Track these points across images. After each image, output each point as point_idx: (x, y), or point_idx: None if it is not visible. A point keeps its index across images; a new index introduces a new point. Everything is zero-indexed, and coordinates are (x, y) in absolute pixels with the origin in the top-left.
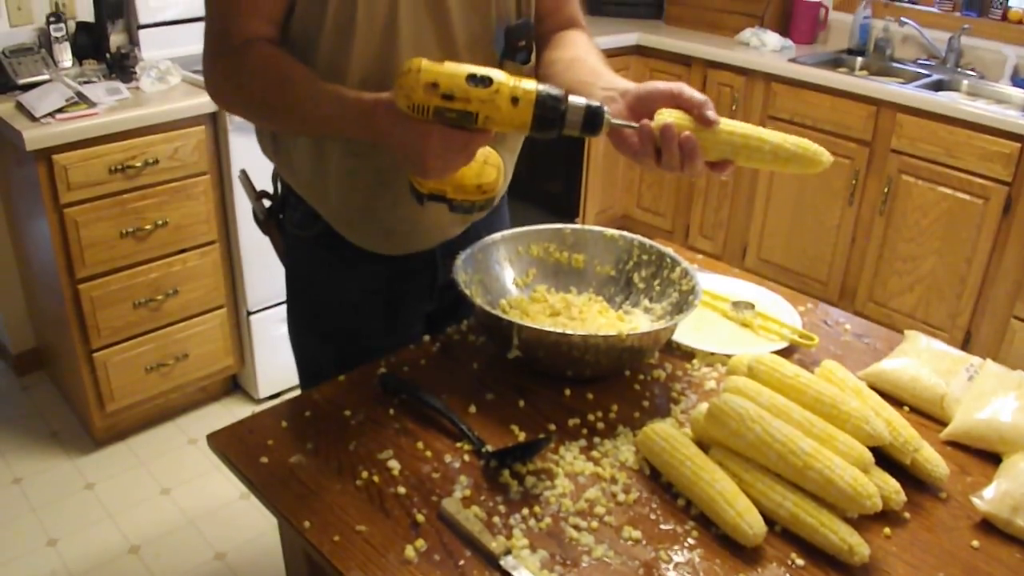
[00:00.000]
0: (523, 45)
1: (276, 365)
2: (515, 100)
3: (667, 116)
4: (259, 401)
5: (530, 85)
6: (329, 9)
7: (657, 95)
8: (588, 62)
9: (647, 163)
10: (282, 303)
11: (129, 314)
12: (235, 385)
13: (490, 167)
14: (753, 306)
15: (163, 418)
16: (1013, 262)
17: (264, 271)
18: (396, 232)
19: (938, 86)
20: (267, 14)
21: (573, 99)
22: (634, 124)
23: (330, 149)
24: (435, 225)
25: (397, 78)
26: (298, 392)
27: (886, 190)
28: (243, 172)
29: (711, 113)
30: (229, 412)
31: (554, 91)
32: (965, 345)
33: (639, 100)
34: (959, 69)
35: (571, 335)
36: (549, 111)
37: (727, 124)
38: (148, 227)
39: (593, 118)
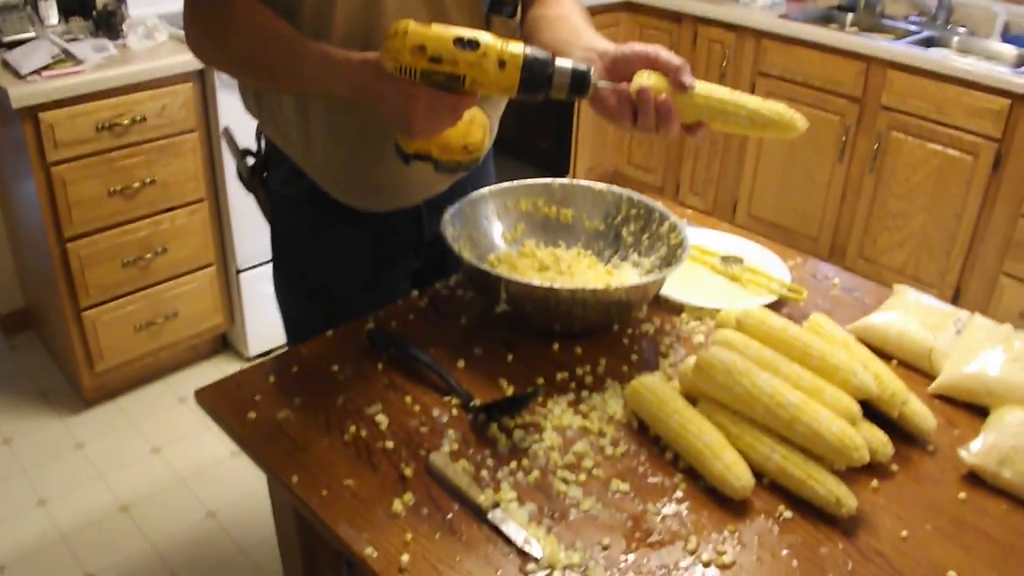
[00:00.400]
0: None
1: (266, 323)
2: (502, 63)
3: (644, 79)
4: (249, 359)
5: (517, 48)
6: None
7: (635, 57)
8: (570, 20)
9: (623, 124)
10: (271, 261)
11: (118, 273)
12: (225, 343)
13: (476, 127)
14: (742, 260)
15: (153, 377)
16: (1002, 218)
17: (253, 229)
18: (381, 188)
19: (928, 42)
20: None
21: (560, 62)
22: (620, 86)
23: (314, 106)
24: (420, 181)
25: (384, 40)
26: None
27: (876, 147)
28: (226, 130)
29: (688, 77)
30: (219, 370)
31: (541, 54)
32: (954, 301)
33: (617, 62)
34: (949, 26)
35: (559, 289)
36: (536, 75)
37: (703, 88)
38: (136, 185)
39: (580, 81)
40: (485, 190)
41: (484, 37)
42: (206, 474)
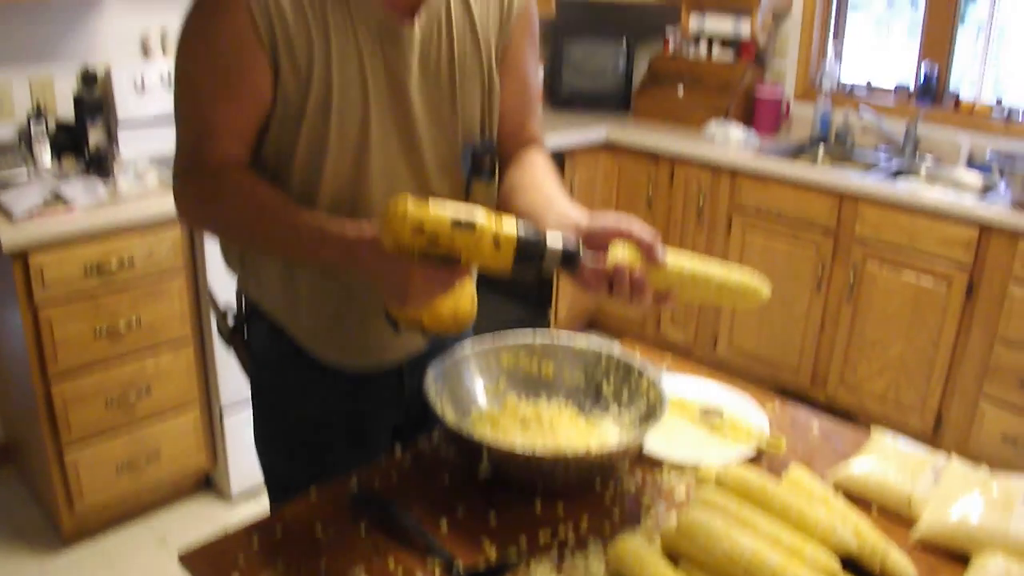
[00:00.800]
0: (487, 163)
1: (249, 463)
2: (497, 243)
3: (619, 254)
4: (232, 499)
5: (511, 228)
6: (302, 131)
7: (608, 230)
8: (544, 188)
9: (598, 295)
10: (252, 414)
11: (101, 412)
12: (207, 483)
13: (465, 297)
14: (722, 413)
15: (133, 516)
16: (978, 344)
17: (237, 370)
18: (365, 348)
19: (898, 173)
20: (241, 136)
21: (551, 240)
22: (597, 261)
23: (299, 269)
24: (403, 340)
25: (383, 220)
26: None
27: (852, 277)
28: (208, 288)
29: (659, 252)
30: (201, 511)
31: (533, 233)
32: (936, 426)
33: (590, 234)
34: (917, 156)
35: (541, 455)
36: (529, 253)
37: (674, 260)
38: (122, 326)
39: (570, 258)
40: (468, 348)
41: (479, 218)
42: None
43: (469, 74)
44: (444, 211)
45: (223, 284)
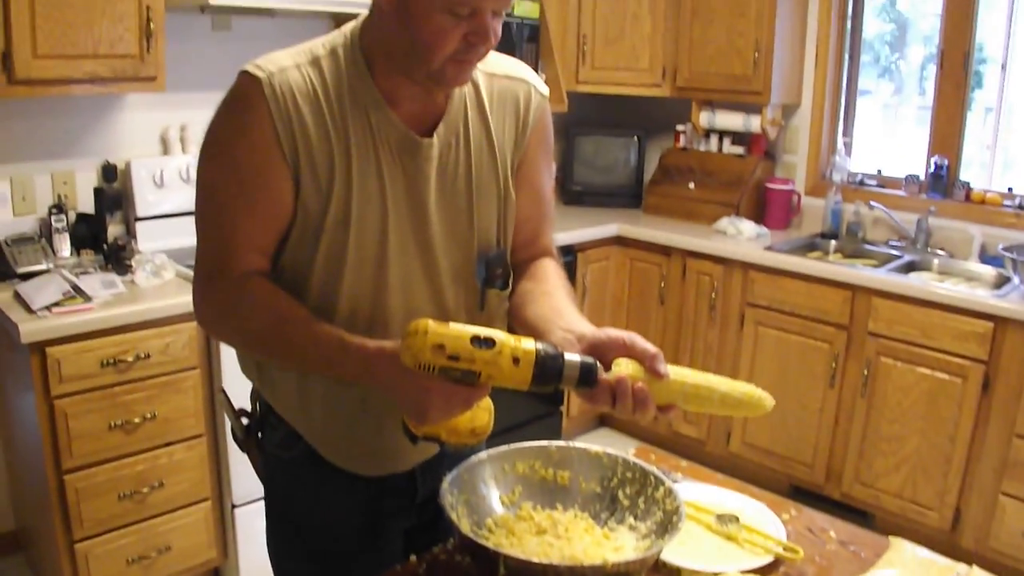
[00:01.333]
0: (500, 273)
1: (260, 558)
2: (516, 360)
3: (623, 368)
4: None
5: (529, 345)
6: (322, 244)
7: (612, 344)
8: (554, 298)
9: (602, 407)
10: (265, 517)
11: (113, 506)
12: None
13: (482, 411)
14: (737, 519)
15: None
16: (996, 439)
17: (249, 465)
18: (379, 454)
19: (910, 267)
20: (262, 247)
21: (569, 357)
22: (604, 380)
23: (315, 377)
24: (418, 447)
25: (404, 338)
26: None
27: (866, 372)
28: (222, 390)
29: (662, 366)
30: None
31: (551, 350)
32: (956, 523)
33: (595, 347)
34: (929, 249)
35: (558, 565)
36: (548, 369)
37: (677, 374)
38: (137, 420)
39: (587, 375)
40: (483, 454)
41: (499, 335)
42: None
43: (486, 186)
44: (464, 330)
45: (238, 386)
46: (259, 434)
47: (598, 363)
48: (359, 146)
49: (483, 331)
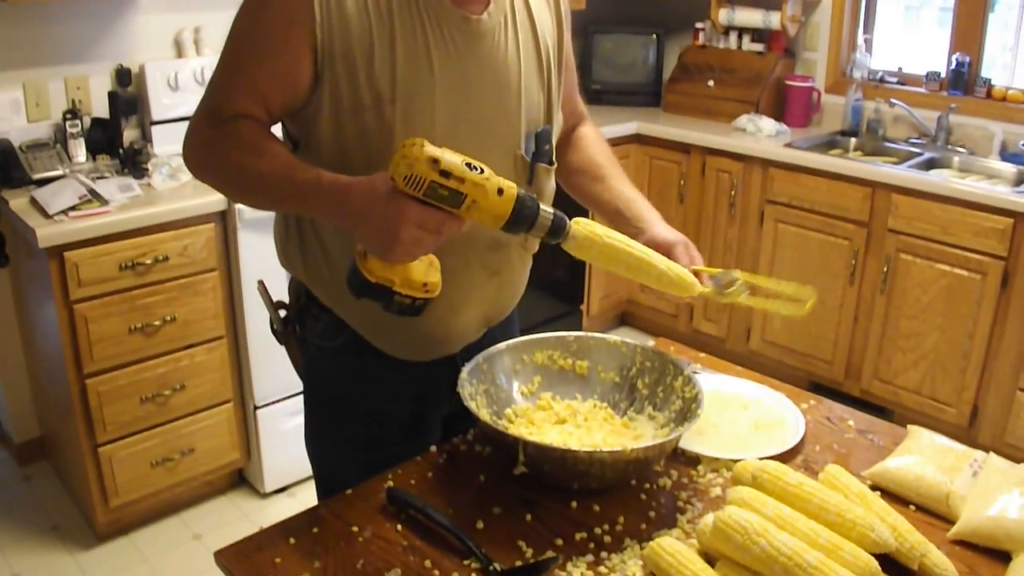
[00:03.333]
0: (548, 149)
1: (282, 459)
2: (500, 191)
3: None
4: (265, 495)
5: (512, 184)
6: (363, 121)
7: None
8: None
9: None
10: (288, 397)
11: (136, 409)
12: (241, 479)
13: (435, 270)
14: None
15: (167, 512)
16: (1014, 335)
17: (271, 366)
18: (428, 338)
19: (930, 164)
20: (263, 99)
21: (544, 207)
22: None
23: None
24: (464, 329)
25: (399, 148)
26: (304, 488)
27: (885, 269)
28: (260, 283)
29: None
30: (234, 506)
31: (532, 195)
32: (972, 419)
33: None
34: (949, 146)
35: (576, 451)
36: (526, 208)
37: (624, 242)
38: (157, 323)
39: (558, 227)
40: (502, 345)
41: (486, 167)
42: None
43: (532, 64)
44: (457, 154)
45: (272, 280)
46: (298, 326)
47: (565, 218)
48: (403, 24)
49: (473, 160)
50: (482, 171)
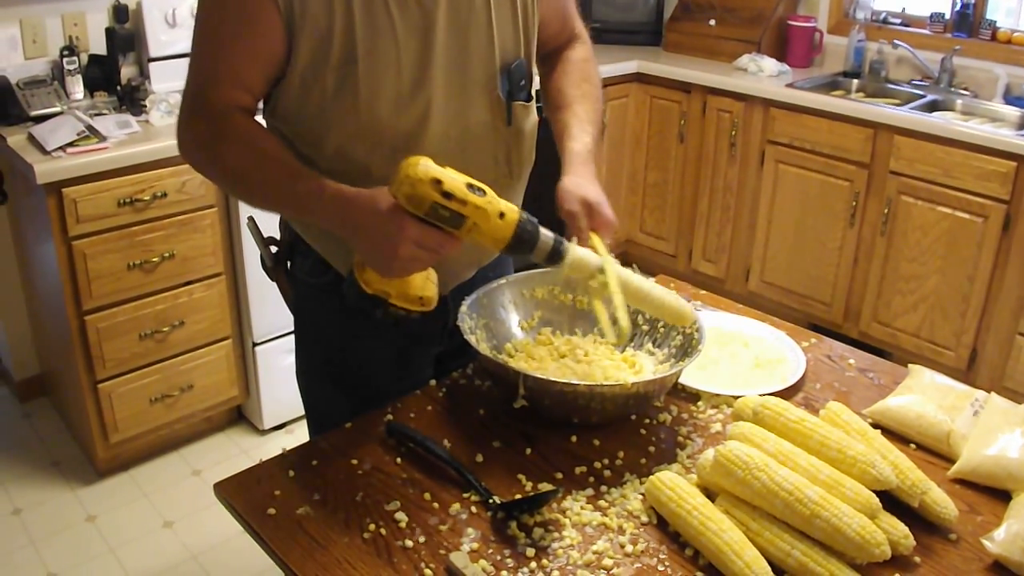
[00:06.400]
0: (523, 84)
1: (281, 395)
2: (502, 215)
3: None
4: (263, 432)
5: (515, 208)
6: (330, 85)
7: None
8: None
9: None
10: (287, 334)
11: (135, 345)
12: (240, 415)
13: (431, 284)
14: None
15: (167, 448)
16: (1015, 279)
17: (270, 303)
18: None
19: (933, 106)
20: (247, 84)
21: (544, 233)
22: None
23: None
24: (450, 270)
25: (401, 168)
26: (302, 425)
27: (886, 211)
28: (251, 219)
29: (607, 236)
30: (233, 443)
31: (532, 220)
32: (971, 363)
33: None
34: (952, 88)
35: (577, 384)
36: (526, 233)
37: (626, 275)
38: (155, 259)
39: (555, 254)
40: (502, 279)
41: (489, 189)
42: (218, 551)
43: None
44: (459, 175)
45: (263, 217)
46: (288, 262)
47: (565, 242)
48: None
49: (475, 181)
50: (484, 193)
